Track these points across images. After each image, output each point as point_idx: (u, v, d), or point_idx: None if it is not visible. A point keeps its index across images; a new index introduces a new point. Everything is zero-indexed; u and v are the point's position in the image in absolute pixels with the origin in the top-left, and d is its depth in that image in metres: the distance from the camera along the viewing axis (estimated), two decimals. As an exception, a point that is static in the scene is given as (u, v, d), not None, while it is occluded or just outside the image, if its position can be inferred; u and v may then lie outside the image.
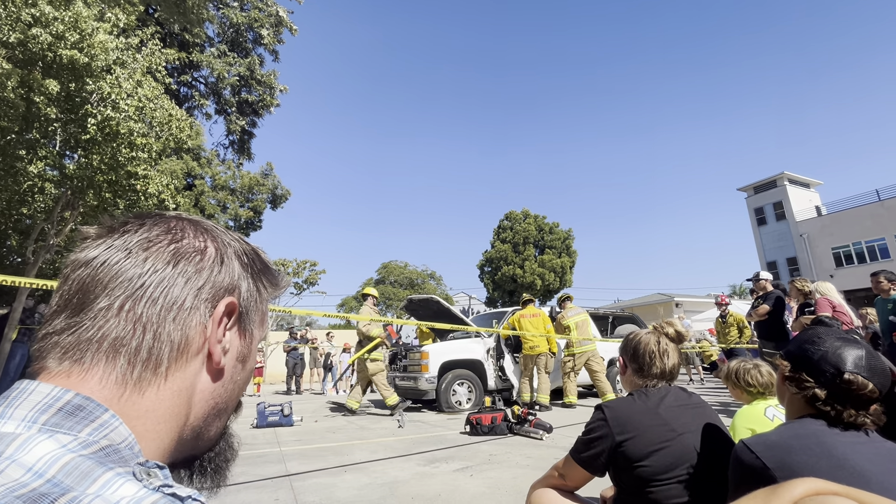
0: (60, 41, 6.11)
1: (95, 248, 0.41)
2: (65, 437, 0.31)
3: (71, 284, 0.40)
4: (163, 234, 0.43)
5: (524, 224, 31.39)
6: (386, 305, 40.63)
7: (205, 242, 0.45)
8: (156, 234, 0.43)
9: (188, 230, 0.45)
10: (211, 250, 0.45)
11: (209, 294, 0.43)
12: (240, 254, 0.47)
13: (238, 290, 0.45)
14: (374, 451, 3.91)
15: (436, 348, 6.86)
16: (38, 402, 0.33)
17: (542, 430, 4.35)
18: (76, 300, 0.39)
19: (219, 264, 0.44)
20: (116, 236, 0.42)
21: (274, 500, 2.61)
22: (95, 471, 0.29)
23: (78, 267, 0.40)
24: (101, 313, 0.38)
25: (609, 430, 1.30)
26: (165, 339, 0.39)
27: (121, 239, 0.41)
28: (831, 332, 1.04)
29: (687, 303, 24.99)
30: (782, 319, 5.64)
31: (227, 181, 18.02)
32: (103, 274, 0.39)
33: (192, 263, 0.43)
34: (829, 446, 0.90)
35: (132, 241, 0.41)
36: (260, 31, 17.70)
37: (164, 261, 0.41)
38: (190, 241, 0.44)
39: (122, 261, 0.40)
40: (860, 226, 24.53)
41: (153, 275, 0.40)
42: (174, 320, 0.40)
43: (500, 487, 2.73)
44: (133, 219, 0.44)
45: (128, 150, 6.92)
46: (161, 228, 0.43)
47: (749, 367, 2.01)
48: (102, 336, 0.38)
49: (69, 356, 0.37)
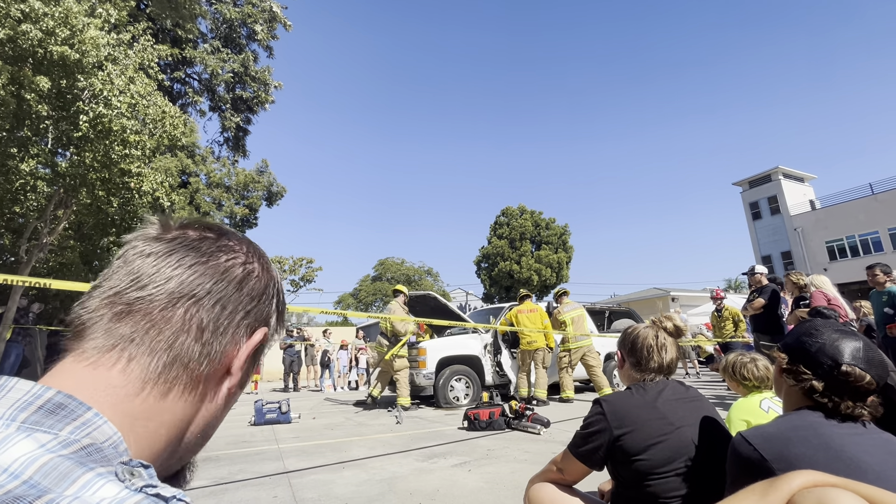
0: (51, 37, 6.03)
1: (171, 244, 0.42)
2: (44, 435, 0.30)
3: (134, 268, 0.40)
4: (239, 254, 0.45)
5: (521, 220, 31.41)
6: (383, 302, 40.63)
7: (268, 273, 0.48)
8: (233, 250, 0.45)
9: (256, 259, 0.47)
10: (269, 283, 0.47)
11: (253, 321, 0.45)
12: (280, 288, 0.50)
13: (270, 323, 0.47)
14: (372, 447, 3.92)
15: (433, 344, 6.86)
16: (18, 399, 0.32)
17: (539, 425, 4.36)
18: (137, 285, 0.39)
19: (269, 297, 0.47)
20: (194, 239, 0.43)
21: (272, 497, 2.61)
22: (75, 471, 0.28)
23: (148, 255, 0.41)
24: (160, 309, 0.39)
25: (607, 424, 1.31)
26: (208, 352, 0.40)
27: (199, 243, 0.43)
28: (828, 324, 1.04)
29: (683, 297, 25.10)
30: (778, 313, 5.67)
31: (222, 178, 17.91)
32: (175, 271, 0.40)
33: (253, 290, 0.45)
34: (827, 438, 0.90)
35: (210, 248, 0.43)
36: (254, 27, 17.56)
37: (232, 280, 0.43)
38: (256, 269, 0.46)
39: (198, 265, 0.42)
40: (854, 219, 24.71)
41: (221, 288, 0.42)
42: (222, 335, 0.42)
43: (499, 482, 2.74)
44: (213, 228, 0.46)
45: (121, 148, 6.86)
46: (237, 245, 0.46)
47: (746, 360, 2.02)
48: (151, 332, 0.38)
49: (112, 344, 0.37)
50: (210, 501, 2.55)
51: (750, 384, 1.98)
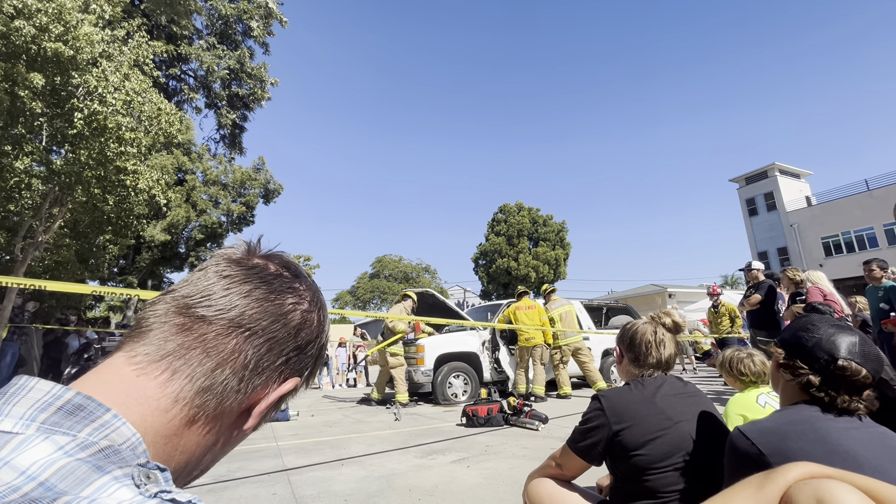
0: (44, 33, 5.98)
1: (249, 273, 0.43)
2: (62, 437, 0.30)
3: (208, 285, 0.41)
4: (304, 301, 0.46)
5: (518, 217, 31.44)
6: (381, 300, 40.64)
7: (321, 327, 0.48)
8: (301, 296, 0.46)
9: (317, 310, 0.48)
10: (319, 336, 0.48)
11: (291, 370, 0.45)
12: (324, 343, 0.50)
13: (303, 374, 0.48)
14: (371, 444, 3.92)
15: (431, 341, 6.87)
16: (38, 399, 0.32)
17: (537, 421, 4.38)
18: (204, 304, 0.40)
19: (313, 350, 0.48)
20: (271, 274, 0.45)
21: (272, 494, 2.61)
22: (92, 475, 0.28)
23: (225, 276, 0.42)
24: (218, 334, 0.39)
25: (606, 420, 1.31)
26: (243, 389, 0.41)
27: (273, 279, 0.44)
28: (824, 319, 1.05)
29: (680, 293, 25.23)
30: (774, 308, 5.70)
31: (218, 176, 17.83)
32: (244, 301, 0.41)
33: (303, 339, 0.46)
34: (824, 432, 0.91)
35: (281, 287, 0.44)
36: (249, 23, 17.44)
37: (288, 324, 0.44)
38: (313, 321, 0.47)
39: (266, 302, 0.43)
40: (849, 215, 24.85)
41: (274, 332, 0.43)
42: (259, 377, 0.42)
43: (497, 478, 2.75)
44: (291, 266, 0.48)
45: (116, 145, 6.81)
46: (306, 291, 0.47)
47: (742, 356, 2.04)
48: (199, 356, 0.39)
49: (165, 354, 0.38)
50: (210, 499, 2.55)
51: (747, 379, 2.00)
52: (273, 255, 0.48)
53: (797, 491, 0.67)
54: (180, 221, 15.51)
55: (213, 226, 17.05)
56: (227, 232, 17.73)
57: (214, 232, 17.20)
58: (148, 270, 16.54)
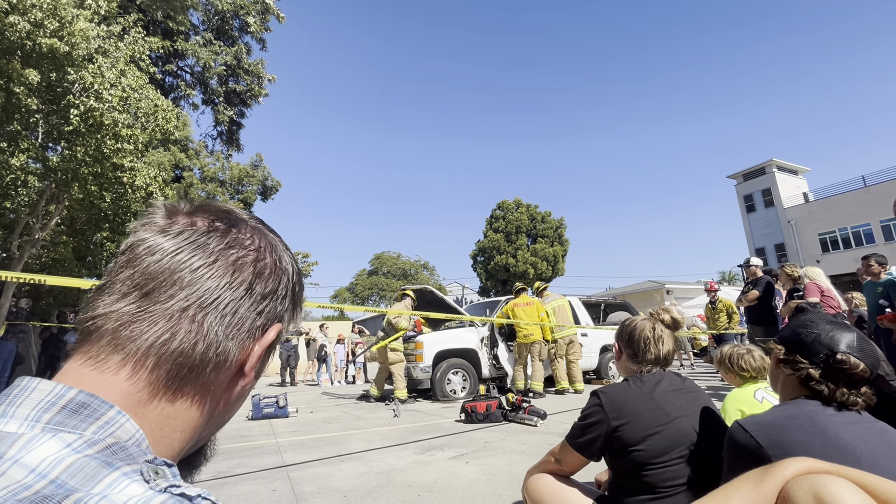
0: (39, 29, 5.93)
1: (178, 240, 0.40)
2: (69, 435, 0.30)
3: (145, 267, 0.38)
4: (250, 247, 0.43)
5: (516, 213, 31.44)
6: (379, 296, 40.65)
7: (282, 267, 0.45)
8: (244, 246, 0.43)
9: (268, 253, 0.45)
10: (282, 278, 0.45)
11: (266, 320, 0.43)
12: (296, 282, 0.47)
13: (284, 319, 0.46)
14: (370, 440, 3.94)
15: (430, 338, 6.88)
16: (41, 400, 0.32)
17: (536, 417, 4.40)
18: (146, 286, 0.38)
19: (282, 294, 0.45)
20: (202, 233, 0.41)
21: (271, 490, 2.62)
22: (101, 471, 0.29)
23: (154, 252, 0.39)
24: (168, 314, 0.37)
25: (605, 416, 1.32)
26: (217, 355, 0.39)
27: (207, 239, 0.41)
28: (823, 317, 1.06)
29: (677, 290, 25.30)
30: (772, 304, 5.73)
31: (216, 173, 17.78)
32: (182, 274, 0.39)
33: (266, 289, 0.43)
34: (822, 426, 0.92)
35: (218, 246, 0.41)
36: (246, 19, 17.32)
37: (243, 280, 0.41)
38: (269, 264, 0.44)
39: (205, 267, 0.39)
40: (846, 212, 24.94)
41: (229, 291, 0.40)
42: (232, 339, 0.40)
43: (496, 474, 2.77)
44: (220, 217, 0.43)
45: (113, 142, 6.78)
46: (247, 239, 0.43)
47: (742, 352, 2.05)
48: (160, 337, 0.37)
49: (119, 347, 0.36)
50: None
51: (747, 375, 2.01)
52: (198, 208, 0.43)
53: (795, 486, 0.67)
54: (178, 218, 15.45)
55: (210, 223, 17.00)
56: (224, 229, 17.66)
57: (212, 229, 17.14)
58: (145, 268, 16.49)
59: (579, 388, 6.70)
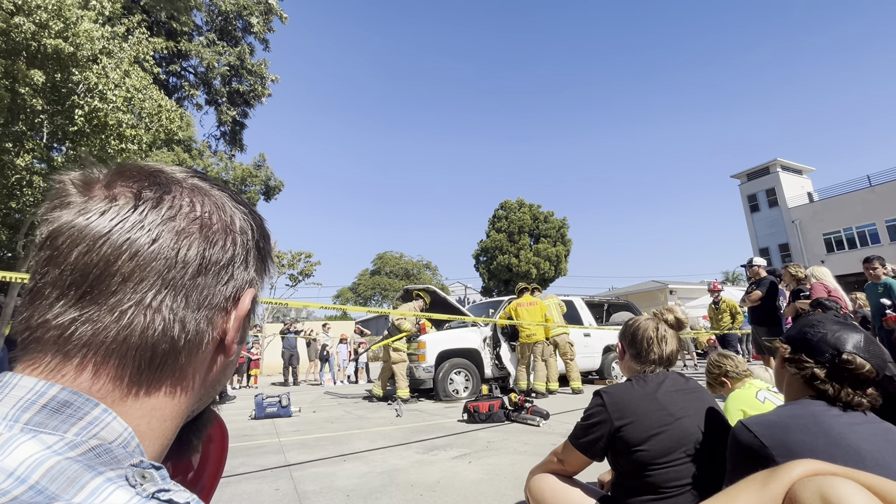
0: (44, 30, 5.97)
1: (103, 222, 0.34)
2: (50, 437, 0.28)
3: (73, 261, 0.33)
4: (190, 215, 0.37)
5: (519, 213, 31.39)
6: (382, 296, 40.69)
7: (235, 228, 0.40)
8: (183, 214, 0.37)
9: (214, 211, 0.39)
10: (239, 239, 0.40)
11: (234, 289, 0.39)
12: (258, 238, 0.43)
13: (255, 279, 0.42)
14: (372, 440, 3.94)
15: (433, 338, 6.89)
16: (21, 398, 0.30)
17: (539, 417, 4.39)
18: (83, 284, 0.33)
19: (244, 257, 0.40)
20: (131, 208, 0.35)
21: (274, 489, 2.63)
22: (83, 476, 0.26)
23: (79, 242, 0.33)
24: (117, 310, 0.33)
25: (608, 416, 1.32)
26: (189, 338, 0.36)
27: (139, 214, 0.35)
28: (829, 317, 1.06)
29: (681, 290, 25.20)
30: (775, 305, 5.70)
31: (219, 173, 17.81)
32: (121, 263, 0.33)
33: (224, 255, 0.38)
34: (827, 426, 0.91)
35: (155, 220, 0.35)
36: (249, 19, 17.37)
37: (195, 252, 0.36)
38: (220, 229, 0.39)
39: (146, 248, 0.34)
40: (851, 211, 24.79)
41: (183, 268, 0.35)
42: (201, 318, 0.37)
43: (499, 473, 2.76)
44: (148, 183, 0.37)
45: (117, 142, 6.81)
46: (186, 205, 0.37)
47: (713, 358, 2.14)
48: (115, 336, 0.33)
49: (69, 355, 0.32)
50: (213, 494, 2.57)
51: (733, 375, 2.05)
52: (118, 174, 0.37)
53: (801, 488, 0.67)
54: (181, 218, 15.51)
55: (214, 223, 17.06)
56: (228, 229, 17.74)
57: (216, 229, 17.21)
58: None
59: (576, 387, 6.68)
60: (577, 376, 6.79)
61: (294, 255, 22.20)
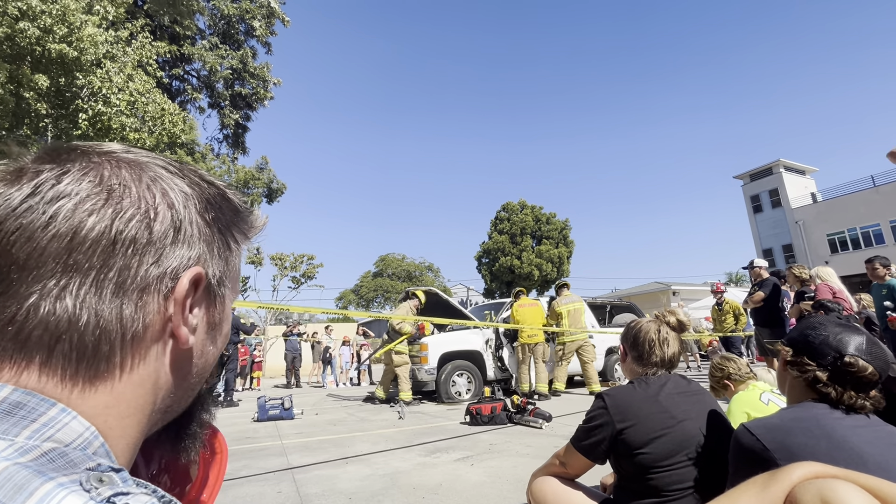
0: (48, 35, 6.01)
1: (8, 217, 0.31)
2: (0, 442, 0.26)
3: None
4: (97, 188, 0.33)
5: (521, 215, 31.39)
6: (384, 298, 40.70)
7: (155, 198, 0.35)
8: (88, 187, 0.33)
9: (131, 182, 0.34)
10: (164, 211, 0.35)
11: (167, 268, 0.35)
12: (204, 206, 0.38)
13: (203, 256, 0.37)
14: (375, 442, 3.94)
15: (435, 340, 6.88)
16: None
17: (541, 419, 4.38)
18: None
19: (175, 229, 0.35)
20: (28, 187, 0.32)
21: (276, 492, 2.63)
22: (32, 482, 0.24)
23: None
24: (34, 295, 0.30)
25: (609, 418, 1.32)
26: (117, 326, 0.32)
27: (39, 193, 0.32)
28: (831, 319, 1.06)
29: (684, 291, 25.13)
30: (778, 306, 5.68)
31: (222, 176, 17.89)
32: (26, 243, 0.30)
33: (142, 230, 0.33)
34: (829, 429, 0.91)
35: (55, 195, 0.32)
36: (252, 23, 17.46)
37: (101, 229, 0.32)
38: (136, 199, 0.34)
39: (43, 229, 0.31)
40: (855, 212, 24.67)
41: (88, 248, 0.31)
42: (124, 304, 0.33)
43: (501, 476, 2.76)
44: (46, 158, 0.34)
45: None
46: (92, 178, 0.33)
47: (716, 361, 2.14)
48: (38, 325, 0.30)
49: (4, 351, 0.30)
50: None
51: (735, 378, 2.04)
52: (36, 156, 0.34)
53: (802, 490, 0.67)
54: (184, 221, 15.57)
55: (217, 225, 17.11)
56: (230, 231, 17.81)
57: (218, 231, 17.27)
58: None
59: (595, 390, 6.56)
60: (596, 378, 6.62)
61: (296, 258, 22.26)
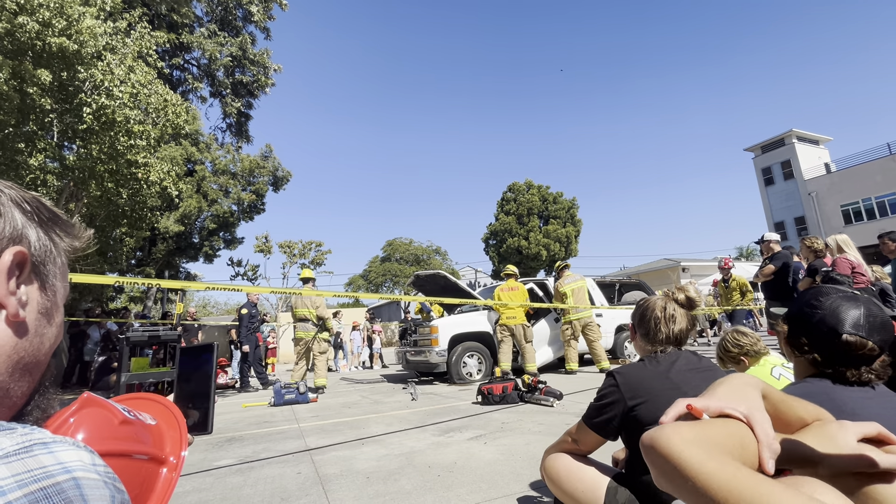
0: (48, 28, 5.99)
1: None
2: None
3: None
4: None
5: (528, 195, 31.14)
6: (392, 282, 40.95)
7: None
8: None
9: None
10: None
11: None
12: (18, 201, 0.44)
13: (26, 239, 0.43)
14: (389, 423, 4.02)
15: (445, 322, 6.95)
16: None
17: (552, 398, 4.43)
18: None
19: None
20: None
21: (296, 473, 2.71)
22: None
23: None
24: None
25: (621, 396, 1.33)
26: None
27: None
28: (831, 290, 1.01)
29: (694, 267, 24.94)
30: (789, 279, 5.63)
31: (227, 165, 17.90)
32: None
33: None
34: (840, 402, 0.91)
35: None
36: (249, 8, 17.20)
37: None
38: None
39: None
40: (870, 181, 24.07)
41: None
42: None
43: (514, 454, 2.81)
44: None
45: (126, 139, 6.87)
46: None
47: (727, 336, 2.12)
48: None
49: None
50: (237, 479, 2.66)
51: (749, 352, 2.04)
52: None
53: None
54: (192, 212, 15.69)
55: (224, 215, 17.23)
56: (238, 221, 17.93)
57: (226, 221, 17.40)
58: (164, 261, 16.85)
59: (605, 367, 6.66)
60: (604, 356, 6.75)
61: (305, 245, 22.36)
